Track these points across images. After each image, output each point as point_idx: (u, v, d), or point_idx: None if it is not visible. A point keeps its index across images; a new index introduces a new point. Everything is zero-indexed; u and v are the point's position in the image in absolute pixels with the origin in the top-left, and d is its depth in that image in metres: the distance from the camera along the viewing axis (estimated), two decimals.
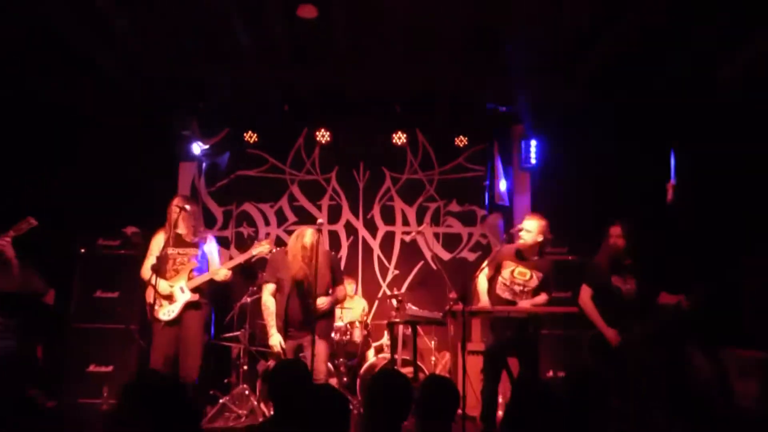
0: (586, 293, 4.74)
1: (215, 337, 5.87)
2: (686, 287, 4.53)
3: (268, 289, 4.86)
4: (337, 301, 4.98)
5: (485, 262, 4.81)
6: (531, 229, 4.78)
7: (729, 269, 5.44)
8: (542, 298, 4.74)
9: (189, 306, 4.96)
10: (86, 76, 5.98)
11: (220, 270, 5.02)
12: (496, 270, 4.82)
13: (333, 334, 5.49)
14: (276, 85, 6.46)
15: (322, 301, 4.68)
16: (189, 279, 4.98)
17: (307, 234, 4.75)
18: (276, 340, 4.75)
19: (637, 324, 4.52)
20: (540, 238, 4.77)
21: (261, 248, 5.10)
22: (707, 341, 5.24)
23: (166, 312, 4.93)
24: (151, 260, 4.93)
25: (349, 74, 6.24)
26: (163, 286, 4.93)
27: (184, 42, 5.69)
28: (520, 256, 4.81)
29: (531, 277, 4.74)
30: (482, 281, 4.75)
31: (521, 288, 4.73)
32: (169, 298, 4.95)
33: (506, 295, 4.71)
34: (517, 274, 4.71)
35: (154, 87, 6.32)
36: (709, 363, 5.19)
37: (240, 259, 5.15)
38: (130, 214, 6.23)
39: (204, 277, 4.98)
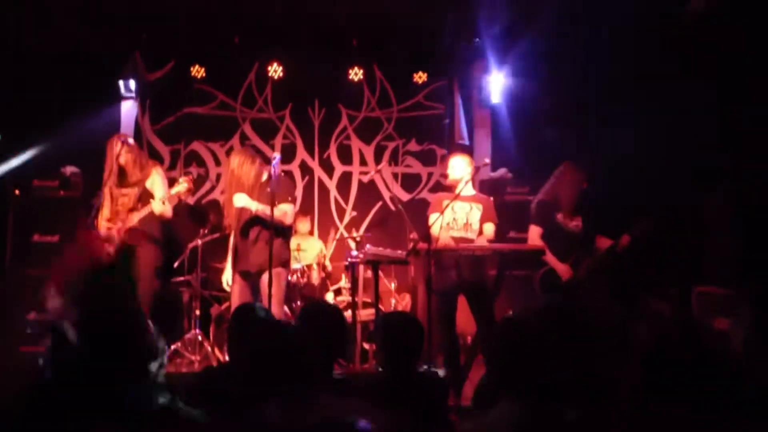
0: (535, 232, 4.74)
1: (166, 282, 5.61)
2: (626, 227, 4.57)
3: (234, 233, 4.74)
4: (267, 216, 4.40)
5: (430, 217, 4.64)
6: (453, 166, 4.65)
7: (680, 207, 5.46)
8: (490, 227, 4.63)
9: (143, 239, 4.67)
10: (23, 10, 5.49)
11: (153, 202, 4.58)
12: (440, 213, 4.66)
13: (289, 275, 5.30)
14: (225, 15, 6.03)
15: (240, 200, 4.39)
16: (126, 220, 4.68)
17: (230, 161, 4.62)
18: (224, 278, 4.73)
19: (584, 259, 4.58)
20: (467, 175, 4.62)
21: (178, 187, 4.65)
22: (659, 283, 5.28)
23: (107, 254, 4.64)
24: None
25: (303, 4, 5.88)
26: (104, 227, 4.64)
27: None
28: (456, 194, 4.68)
29: (471, 208, 4.64)
30: (435, 228, 4.58)
31: (465, 221, 4.61)
32: (111, 240, 4.66)
33: (456, 234, 4.57)
34: (457, 209, 4.58)
35: (92, 16, 5.83)
36: (666, 305, 5.23)
37: (168, 197, 4.64)
38: (69, 153, 5.85)
39: (141, 212, 4.63)
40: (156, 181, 4.80)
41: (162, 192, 4.73)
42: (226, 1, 5.83)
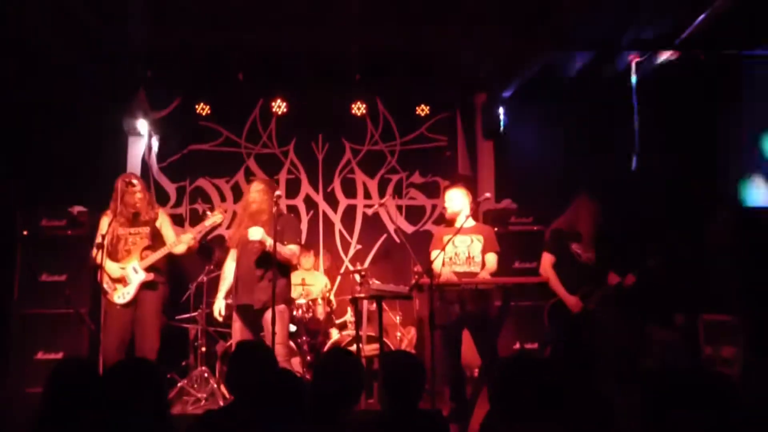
0: (547, 260, 4.71)
1: (171, 318, 5.61)
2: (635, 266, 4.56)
3: (231, 255, 4.78)
4: (281, 253, 4.49)
5: (432, 253, 4.65)
6: (451, 198, 4.68)
7: (686, 237, 5.44)
8: (492, 258, 4.64)
9: (145, 286, 4.73)
10: (28, 50, 5.58)
11: (183, 237, 4.77)
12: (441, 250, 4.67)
13: (294, 310, 5.31)
14: (229, 52, 6.12)
15: (256, 233, 4.41)
16: (142, 258, 4.73)
17: (252, 188, 4.69)
18: (217, 306, 4.73)
19: (595, 292, 4.54)
20: (467, 207, 4.65)
21: (214, 218, 4.85)
22: (665, 312, 5.25)
23: (121, 295, 4.70)
24: (97, 241, 4.66)
25: (306, 41, 5.96)
26: (113, 268, 4.69)
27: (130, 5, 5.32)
28: (453, 226, 4.69)
29: (472, 241, 4.64)
30: (437, 264, 4.59)
31: (467, 255, 4.61)
32: (122, 280, 4.71)
33: (459, 269, 4.57)
34: (458, 243, 4.58)
35: (98, 56, 5.93)
36: (671, 333, 5.19)
37: (194, 231, 4.91)
38: (76, 193, 5.91)
39: (160, 253, 4.74)
40: (164, 222, 4.90)
41: (172, 234, 4.83)
42: (230, 38, 5.92)
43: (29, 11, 5.07)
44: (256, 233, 4.41)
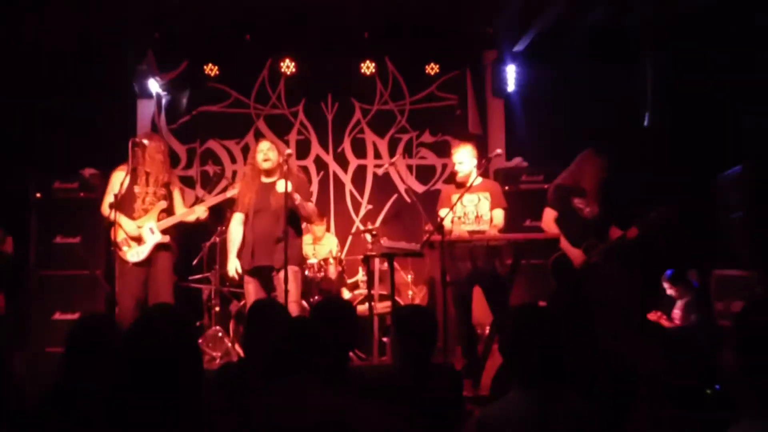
0: (550, 215, 4.73)
1: (183, 280, 5.68)
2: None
3: (235, 219, 4.75)
4: (304, 209, 4.56)
5: (440, 212, 4.65)
6: (463, 159, 4.66)
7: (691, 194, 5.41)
8: (499, 213, 4.65)
9: (159, 247, 4.78)
10: (39, 11, 5.55)
11: (197, 208, 4.83)
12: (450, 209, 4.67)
13: (306, 270, 5.34)
14: (237, 12, 6.06)
15: (282, 185, 4.38)
16: (159, 219, 4.77)
17: (260, 146, 4.66)
18: (231, 265, 4.67)
19: (597, 245, 4.56)
20: (475, 163, 4.63)
21: (234, 191, 4.87)
22: (677, 267, 5.24)
23: (135, 253, 4.75)
24: (109, 198, 4.68)
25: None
26: (130, 226, 4.73)
27: None
28: (462, 187, 4.68)
29: (479, 199, 4.65)
30: (446, 223, 4.60)
31: (475, 213, 4.61)
32: (138, 239, 4.76)
33: (468, 228, 4.58)
34: (465, 202, 4.58)
35: (107, 18, 5.89)
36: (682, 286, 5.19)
37: (213, 201, 5.00)
38: (87, 154, 5.95)
39: (176, 218, 4.79)
40: (176, 187, 4.94)
41: (181, 205, 4.90)
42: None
43: None
44: (282, 185, 4.37)
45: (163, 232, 4.79)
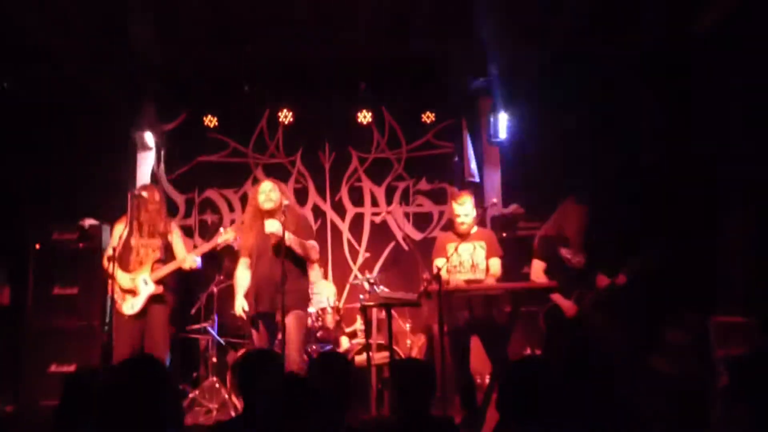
0: (538, 266, 4.72)
1: (181, 330, 5.65)
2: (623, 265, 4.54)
3: (241, 264, 4.71)
4: (303, 247, 4.55)
5: (435, 261, 4.66)
6: (469, 211, 4.67)
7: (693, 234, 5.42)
8: (495, 262, 4.66)
9: (153, 299, 4.77)
10: (39, 63, 5.67)
11: (188, 257, 4.80)
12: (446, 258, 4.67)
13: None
14: (235, 64, 6.19)
15: (271, 225, 4.38)
16: (153, 270, 4.77)
17: (260, 190, 4.60)
18: (239, 304, 4.60)
19: (587, 294, 4.54)
20: (474, 213, 4.67)
21: (226, 236, 4.86)
22: (675, 312, 5.22)
23: (130, 305, 4.76)
24: (109, 251, 4.70)
25: (311, 50, 6.01)
26: (124, 279, 4.74)
27: (138, 22, 5.39)
28: (459, 236, 4.71)
29: (475, 248, 4.67)
30: (443, 271, 4.59)
31: (471, 263, 4.62)
32: (132, 291, 4.75)
33: (463, 277, 4.58)
34: (461, 251, 4.59)
35: (106, 70, 6.01)
36: (683, 334, 5.16)
37: (205, 247, 4.96)
38: (87, 205, 5.99)
39: (169, 267, 4.79)
40: (177, 236, 4.95)
41: (182, 249, 4.88)
42: (236, 50, 5.98)
43: (37, 26, 5.16)
44: (271, 226, 4.37)
45: (158, 282, 4.78)
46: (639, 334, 4.98)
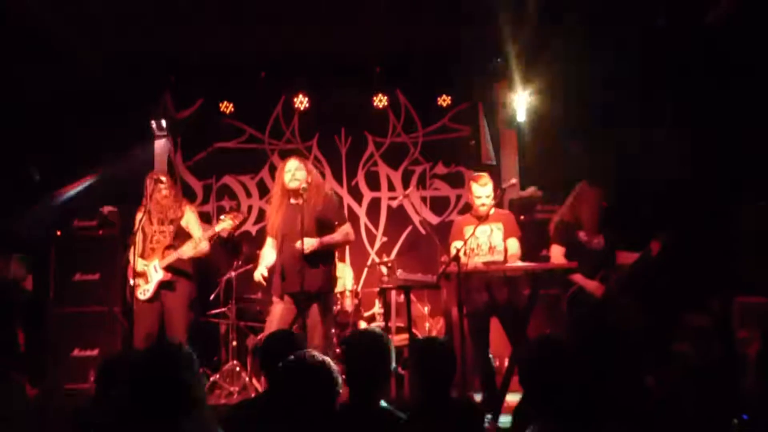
0: (558, 251, 4.66)
1: (201, 314, 5.70)
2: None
3: (268, 243, 4.65)
4: (335, 243, 4.54)
5: (452, 245, 4.64)
6: (490, 192, 4.60)
7: (714, 215, 5.35)
8: (513, 243, 4.63)
9: (164, 285, 4.81)
10: (57, 54, 5.71)
11: (184, 249, 4.78)
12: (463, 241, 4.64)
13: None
14: (251, 50, 6.19)
15: (309, 244, 4.31)
16: (163, 257, 4.81)
17: (286, 168, 4.46)
18: (258, 272, 4.56)
19: (611, 275, 4.50)
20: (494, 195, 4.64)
21: (223, 224, 4.79)
22: (697, 295, 5.18)
23: (143, 291, 4.82)
24: (132, 238, 4.76)
25: (326, 36, 5.99)
26: (139, 264, 4.78)
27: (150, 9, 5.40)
28: (478, 218, 4.66)
29: (492, 230, 4.64)
30: (461, 255, 4.56)
31: (488, 245, 4.60)
32: (144, 276, 4.81)
33: (481, 260, 4.56)
34: (478, 234, 4.56)
35: (121, 59, 6.04)
36: (704, 318, 5.12)
37: (205, 235, 4.87)
38: (106, 192, 6.04)
39: (173, 256, 4.80)
40: (191, 219, 4.95)
41: (198, 231, 4.88)
42: (251, 37, 5.98)
43: (55, 17, 5.19)
44: (310, 243, 4.31)
45: (167, 269, 4.80)
46: (664, 317, 4.95)
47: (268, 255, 4.61)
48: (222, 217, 4.88)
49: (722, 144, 5.50)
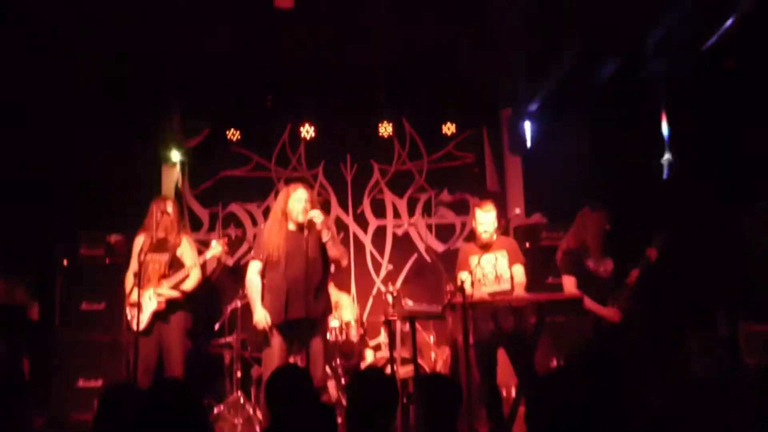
0: (570, 282, 4.61)
1: (206, 344, 5.69)
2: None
3: (253, 267, 4.46)
4: (337, 243, 4.47)
5: (459, 275, 4.63)
6: (493, 220, 4.63)
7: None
8: (519, 270, 4.63)
9: (159, 316, 4.81)
10: (66, 79, 5.77)
11: (185, 287, 4.84)
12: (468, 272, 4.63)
13: (328, 334, 5.26)
14: (258, 79, 6.25)
15: (315, 215, 4.21)
16: (157, 286, 4.83)
17: (296, 197, 4.36)
18: (261, 315, 4.32)
19: (620, 296, 4.46)
20: (497, 224, 4.65)
21: (213, 251, 4.84)
22: (705, 318, 5.13)
23: (137, 322, 4.77)
24: (133, 266, 4.76)
25: (330, 65, 6.06)
26: (134, 295, 4.74)
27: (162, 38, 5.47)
28: (482, 247, 4.69)
29: (496, 259, 4.65)
30: (467, 286, 4.55)
31: (494, 274, 4.59)
32: (140, 307, 4.69)
33: (489, 289, 4.55)
34: (483, 263, 4.55)
35: (130, 86, 6.10)
36: (712, 341, 5.07)
37: (194, 264, 4.90)
38: (113, 220, 6.06)
39: (174, 293, 4.84)
40: (186, 249, 4.96)
41: (190, 261, 4.88)
42: (258, 67, 6.05)
43: (67, 39, 5.25)
44: (319, 216, 4.20)
45: (161, 298, 4.81)
46: (671, 322, 4.91)
47: (257, 285, 4.44)
48: (213, 243, 4.89)
49: (722, 144, 5.50)
